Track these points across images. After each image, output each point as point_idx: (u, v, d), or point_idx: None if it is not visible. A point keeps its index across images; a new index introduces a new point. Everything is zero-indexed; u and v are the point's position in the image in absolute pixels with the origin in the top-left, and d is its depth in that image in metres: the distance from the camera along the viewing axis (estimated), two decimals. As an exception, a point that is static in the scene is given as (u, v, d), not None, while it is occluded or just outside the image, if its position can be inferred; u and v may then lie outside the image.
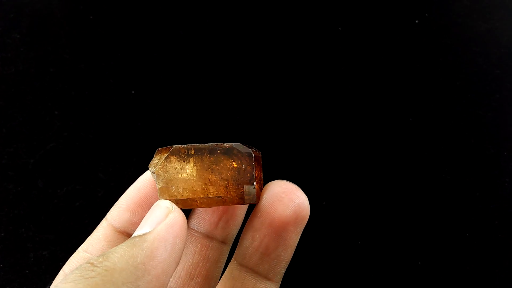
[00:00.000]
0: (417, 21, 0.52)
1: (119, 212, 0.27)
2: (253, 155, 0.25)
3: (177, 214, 0.23)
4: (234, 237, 0.29)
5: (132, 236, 0.22)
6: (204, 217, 0.28)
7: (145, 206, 0.27)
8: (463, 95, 0.48)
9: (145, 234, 0.22)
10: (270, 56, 0.50)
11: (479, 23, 0.51)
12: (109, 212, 0.28)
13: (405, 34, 0.51)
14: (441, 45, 0.50)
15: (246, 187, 0.25)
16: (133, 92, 0.48)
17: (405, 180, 0.45)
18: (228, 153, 0.25)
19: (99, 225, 0.28)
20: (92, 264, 0.20)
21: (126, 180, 0.44)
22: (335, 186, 0.45)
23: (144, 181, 0.28)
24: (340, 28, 0.51)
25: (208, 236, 0.28)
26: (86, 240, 0.27)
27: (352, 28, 0.52)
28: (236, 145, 0.25)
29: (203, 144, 0.26)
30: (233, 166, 0.25)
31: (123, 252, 0.20)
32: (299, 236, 0.26)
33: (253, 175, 0.25)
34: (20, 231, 0.41)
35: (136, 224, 0.27)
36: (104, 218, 0.28)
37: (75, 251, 0.40)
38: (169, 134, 0.46)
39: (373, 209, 0.44)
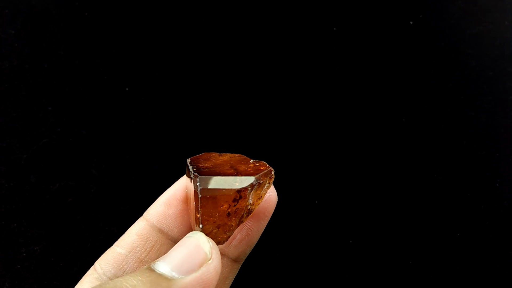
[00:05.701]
0: (411, 23, 0.52)
1: (155, 206, 0.27)
2: (199, 195, 0.22)
3: (212, 267, 0.21)
4: (247, 255, 0.28)
5: (158, 270, 0.21)
6: None
7: (180, 199, 0.27)
8: (456, 97, 0.48)
9: (171, 280, 0.20)
10: (264, 54, 0.50)
11: (473, 25, 0.52)
12: (146, 210, 0.28)
13: (399, 35, 0.52)
14: (435, 47, 0.51)
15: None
16: (127, 89, 0.48)
17: (398, 180, 0.45)
18: (194, 184, 0.23)
19: (135, 223, 0.27)
20: None
21: (119, 176, 0.44)
22: (328, 185, 0.45)
23: (181, 184, 0.27)
24: (334, 28, 0.52)
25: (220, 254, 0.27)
26: (121, 236, 0.27)
27: (346, 29, 0.52)
28: (203, 178, 0.23)
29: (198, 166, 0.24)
30: (194, 200, 0.23)
31: None
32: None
33: (198, 217, 0.23)
34: (12, 226, 0.41)
35: (169, 217, 0.27)
36: (141, 217, 0.28)
37: (67, 246, 0.41)
38: (162, 131, 0.46)
39: (365, 209, 0.44)
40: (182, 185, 0.27)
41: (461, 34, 0.51)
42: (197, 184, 0.22)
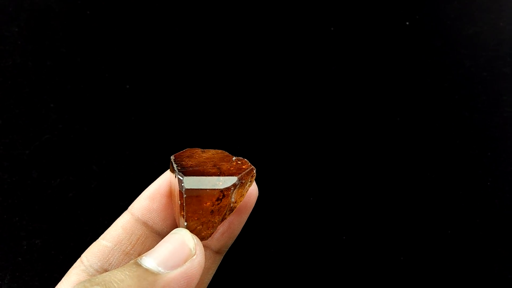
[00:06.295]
0: (407, 23, 0.53)
1: (139, 200, 0.28)
2: (184, 195, 0.24)
3: (196, 263, 0.23)
4: (228, 247, 0.29)
5: (144, 265, 0.22)
6: None
7: (163, 193, 0.28)
8: (450, 97, 0.49)
9: (157, 275, 0.21)
10: (263, 53, 0.51)
11: (468, 26, 0.52)
12: (131, 204, 0.28)
13: (396, 35, 0.52)
14: (430, 47, 0.51)
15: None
16: (127, 86, 0.49)
17: (391, 177, 0.46)
18: (179, 183, 0.24)
19: (120, 216, 0.28)
20: None
21: (119, 172, 0.45)
22: (323, 182, 0.45)
23: (165, 178, 0.28)
24: (332, 28, 0.52)
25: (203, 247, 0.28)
26: (107, 230, 0.28)
27: (344, 29, 0.52)
28: (188, 179, 0.24)
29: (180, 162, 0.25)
30: (179, 199, 0.24)
31: None
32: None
33: (182, 214, 0.24)
34: (14, 220, 0.42)
35: (153, 211, 0.27)
36: (126, 210, 0.28)
37: (67, 240, 0.41)
38: (162, 128, 0.47)
39: (359, 205, 0.45)
40: (166, 180, 0.28)
41: (456, 34, 0.52)
42: (182, 184, 0.24)
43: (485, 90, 0.49)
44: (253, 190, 0.27)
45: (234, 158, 0.26)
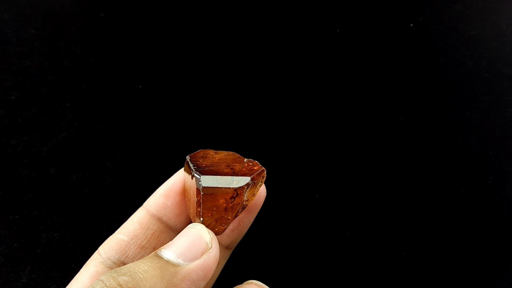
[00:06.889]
0: (411, 25, 0.54)
1: (155, 197, 0.29)
2: (201, 192, 0.25)
3: (212, 255, 0.24)
4: (237, 243, 0.31)
5: (165, 257, 0.23)
6: None
7: (177, 190, 0.29)
8: (453, 97, 0.50)
9: (177, 266, 0.23)
10: (270, 55, 0.52)
11: (471, 28, 0.53)
12: (146, 200, 0.29)
13: (400, 37, 0.53)
14: (434, 48, 0.52)
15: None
16: (140, 86, 0.50)
17: (394, 175, 0.47)
18: (196, 182, 0.26)
19: (136, 212, 0.29)
20: (120, 286, 0.21)
21: (132, 169, 0.46)
22: (328, 180, 0.47)
23: (179, 177, 0.30)
24: (338, 30, 0.54)
25: None
26: (123, 224, 0.29)
27: (349, 30, 0.53)
28: (205, 178, 0.25)
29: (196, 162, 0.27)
30: (196, 196, 0.26)
31: (153, 283, 0.22)
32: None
33: (198, 211, 0.25)
34: (33, 214, 0.44)
35: (168, 208, 0.29)
36: (141, 206, 0.29)
37: (83, 233, 0.43)
38: (173, 127, 0.49)
39: (363, 203, 0.46)
40: (179, 178, 0.29)
41: (459, 36, 0.53)
42: (200, 182, 0.25)
43: (487, 90, 0.50)
44: (261, 190, 0.29)
45: (245, 159, 0.28)
